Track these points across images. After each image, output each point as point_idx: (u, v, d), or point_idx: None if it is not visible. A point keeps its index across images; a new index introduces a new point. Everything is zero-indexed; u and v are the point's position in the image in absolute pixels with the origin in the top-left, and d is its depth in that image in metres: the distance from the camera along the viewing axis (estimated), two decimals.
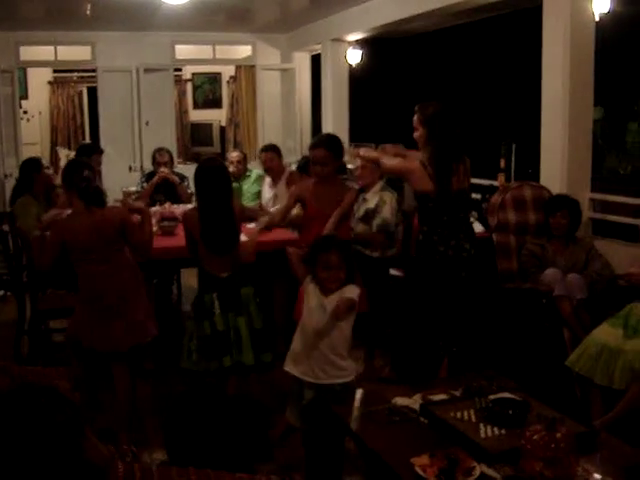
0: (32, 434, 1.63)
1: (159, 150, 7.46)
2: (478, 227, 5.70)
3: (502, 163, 6.22)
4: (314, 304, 3.68)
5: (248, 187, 7.13)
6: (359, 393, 3.56)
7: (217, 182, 4.28)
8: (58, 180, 6.57)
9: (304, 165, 6.11)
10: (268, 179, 6.75)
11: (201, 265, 4.37)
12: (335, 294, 3.63)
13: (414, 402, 3.24)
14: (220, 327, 4.25)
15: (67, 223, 4.19)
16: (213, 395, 2.28)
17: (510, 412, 2.96)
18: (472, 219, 5.77)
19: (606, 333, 4.13)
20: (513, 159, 6.29)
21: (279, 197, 6.37)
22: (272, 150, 6.71)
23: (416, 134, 4.40)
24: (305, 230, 4.54)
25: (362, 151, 4.83)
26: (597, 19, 5.43)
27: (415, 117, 4.40)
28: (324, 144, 4.44)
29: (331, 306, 3.59)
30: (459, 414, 3.04)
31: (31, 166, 6.01)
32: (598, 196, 5.69)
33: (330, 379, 3.62)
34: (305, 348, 3.68)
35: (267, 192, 6.72)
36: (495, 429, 2.91)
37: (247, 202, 6.75)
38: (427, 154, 4.30)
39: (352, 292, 3.64)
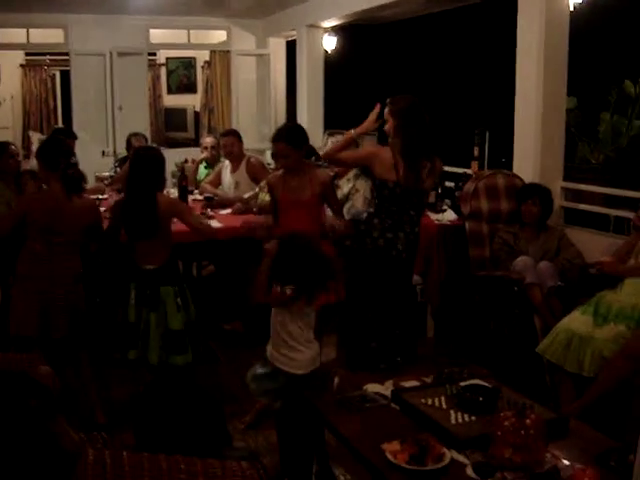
0: (3, 418, 1.62)
1: (135, 134, 7.42)
2: (451, 215, 5.73)
3: (475, 151, 6.25)
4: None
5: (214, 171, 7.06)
6: (333, 380, 3.56)
7: (145, 170, 4.26)
8: (30, 165, 6.51)
9: None
10: (227, 164, 6.65)
11: (128, 253, 4.33)
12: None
13: (386, 389, 3.26)
14: (131, 318, 4.23)
15: (37, 200, 4.25)
16: (176, 386, 2.29)
17: (480, 399, 2.98)
18: (445, 207, 5.81)
19: (576, 321, 4.18)
20: (486, 147, 6.31)
21: (240, 184, 6.32)
22: (232, 135, 6.59)
23: (386, 126, 4.40)
24: (281, 219, 4.51)
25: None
26: (572, 8, 5.46)
27: (386, 109, 4.40)
28: (283, 137, 4.40)
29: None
30: (430, 401, 3.05)
31: None
32: (570, 185, 5.73)
33: (282, 365, 3.57)
34: (273, 335, 3.65)
35: (227, 177, 6.63)
36: (465, 415, 2.92)
37: (220, 188, 6.70)
38: (397, 146, 4.30)
39: None
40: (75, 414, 3.96)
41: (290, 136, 4.40)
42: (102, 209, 5.93)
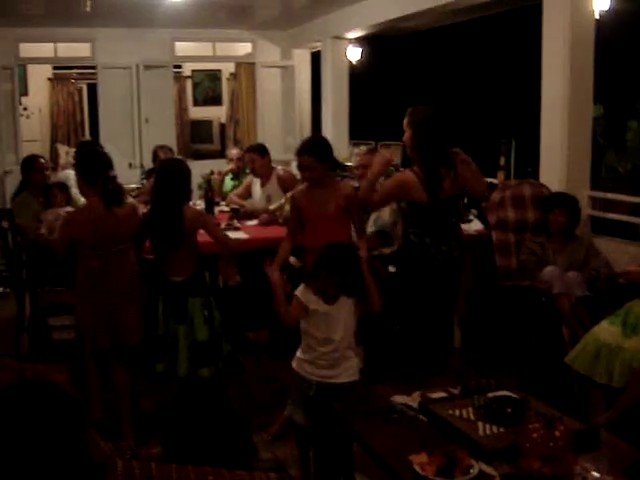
0: (35, 429, 1.63)
1: (162, 147, 7.47)
2: (477, 225, 5.70)
3: (502, 161, 6.22)
4: (320, 314, 3.62)
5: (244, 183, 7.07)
6: (360, 391, 3.57)
7: (170, 182, 4.28)
8: (57, 177, 6.58)
9: None
10: (256, 180, 6.63)
11: (157, 265, 4.34)
12: (339, 302, 3.61)
13: (413, 400, 3.24)
14: (160, 331, 4.23)
15: (78, 220, 4.21)
16: (203, 398, 2.31)
17: (509, 410, 2.96)
18: (471, 216, 5.79)
19: (605, 331, 4.13)
20: (513, 157, 6.28)
21: (272, 197, 6.30)
22: (253, 151, 6.51)
23: (404, 137, 4.40)
24: (308, 233, 4.51)
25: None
26: (597, 16, 5.43)
27: (405, 120, 4.40)
28: (308, 150, 4.38)
29: (338, 314, 3.60)
30: (458, 412, 3.03)
31: (28, 163, 6.00)
32: (597, 194, 5.69)
33: (338, 379, 3.61)
34: (313, 354, 3.65)
35: (257, 192, 6.62)
36: (494, 427, 2.91)
37: (249, 200, 6.70)
38: (415, 159, 4.30)
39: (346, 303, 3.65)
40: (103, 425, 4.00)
41: (316, 149, 4.39)
42: None
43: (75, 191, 6.35)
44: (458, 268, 4.43)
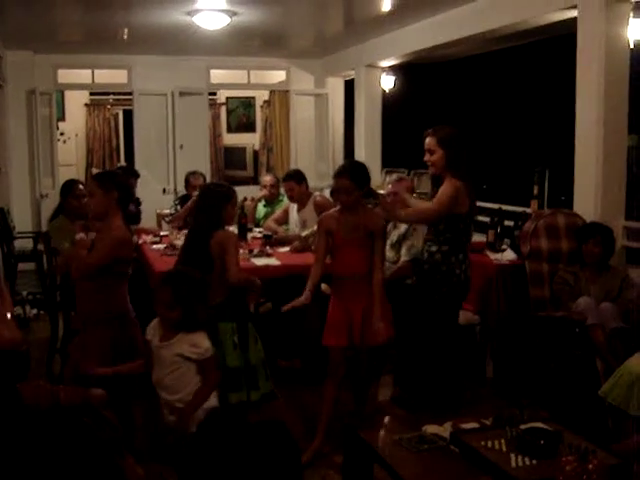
0: (75, 452, 1.65)
1: (193, 173, 7.52)
2: (511, 254, 5.66)
3: (535, 190, 6.19)
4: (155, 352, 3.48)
5: (281, 209, 7.10)
6: (386, 420, 3.54)
7: (205, 206, 4.29)
8: None
9: None
10: (293, 205, 6.69)
11: None
12: (172, 340, 3.44)
13: (444, 430, 3.22)
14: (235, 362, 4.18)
15: (128, 238, 4.20)
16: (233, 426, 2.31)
17: (542, 442, 2.92)
18: (504, 246, 5.76)
19: (639, 363, 4.07)
20: (546, 186, 6.25)
21: (308, 222, 6.33)
22: (291, 179, 6.54)
23: (433, 157, 4.40)
24: (336, 259, 4.50)
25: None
26: (632, 46, 5.42)
27: (429, 140, 4.40)
28: (348, 173, 4.36)
29: (165, 353, 3.42)
30: (490, 443, 3.01)
31: (66, 188, 6.08)
32: (632, 224, 5.63)
33: None
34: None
35: (293, 217, 6.68)
36: (526, 459, 2.88)
37: (285, 226, 6.74)
38: (449, 174, 4.31)
39: (199, 343, 3.50)
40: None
41: (354, 172, 4.37)
42: (163, 246, 6.08)
43: None
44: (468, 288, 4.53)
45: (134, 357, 3.81)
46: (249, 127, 12.85)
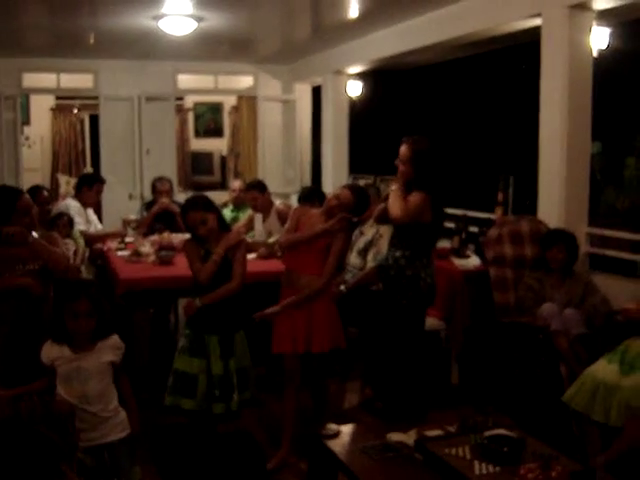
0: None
1: (159, 179, 7.48)
2: (475, 260, 5.71)
3: (500, 196, 6.23)
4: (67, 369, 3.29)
5: (245, 217, 7.09)
6: (351, 427, 3.54)
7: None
8: (58, 207, 6.59)
9: (306, 195, 6.10)
10: (258, 214, 6.69)
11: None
12: (92, 350, 3.32)
13: (409, 438, 3.23)
14: (218, 371, 4.13)
15: None
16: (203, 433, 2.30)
17: (505, 449, 2.94)
18: (469, 252, 5.80)
19: (603, 369, 4.10)
20: (511, 192, 6.30)
21: (273, 232, 6.32)
22: (254, 188, 6.58)
23: (403, 168, 4.43)
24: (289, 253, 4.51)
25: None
26: (595, 54, 5.48)
27: (404, 150, 4.43)
28: (357, 194, 4.44)
29: (89, 364, 3.28)
30: (454, 451, 3.02)
31: (31, 194, 5.99)
32: (595, 230, 5.69)
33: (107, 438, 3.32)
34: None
35: (258, 227, 6.68)
36: (490, 466, 2.89)
37: (251, 235, 6.73)
38: (419, 184, 4.34)
39: (118, 344, 3.41)
40: None
41: (362, 197, 4.43)
42: (127, 253, 6.03)
43: (78, 220, 6.39)
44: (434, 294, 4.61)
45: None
46: (217, 132, 12.80)
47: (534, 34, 5.74)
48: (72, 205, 6.58)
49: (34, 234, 4.21)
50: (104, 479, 3.24)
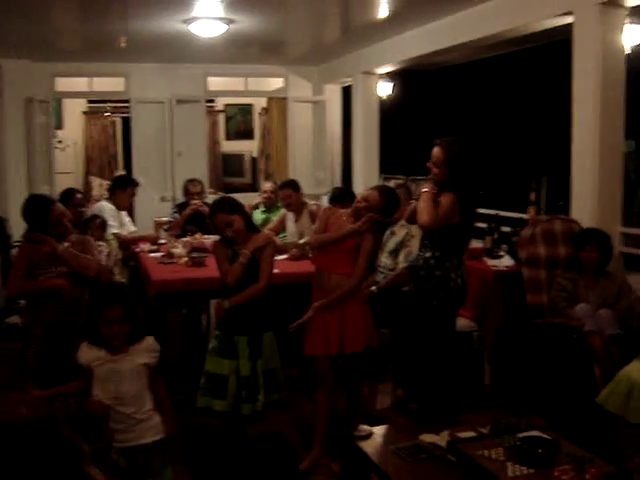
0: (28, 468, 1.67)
1: (191, 181, 7.53)
2: (508, 261, 5.66)
3: (532, 196, 6.18)
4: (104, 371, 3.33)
5: (277, 218, 7.10)
6: (383, 428, 3.53)
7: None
8: (91, 210, 6.66)
9: (337, 196, 6.10)
10: (290, 214, 6.71)
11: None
12: (127, 353, 3.35)
13: (441, 439, 3.22)
14: (245, 372, 4.17)
15: None
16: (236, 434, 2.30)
17: (539, 451, 2.92)
18: (502, 252, 5.76)
19: (637, 370, 4.06)
20: (544, 192, 6.25)
21: (305, 233, 6.33)
22: (288, 186, 6.63)
23: (436, 171, 4.36)
24: (318, 253, 4.53)
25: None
26: (628, 51, 5.42)
27: (437, 152, 4.36)
28: (385, 196, 4.46)
29: (124, 366, 3.32)
30: (487, 452, 3.00)
31: (65, 197, 6.04)
32: (630, 230, 5.63)
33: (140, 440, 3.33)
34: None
35: (290, 227, 6.69)
36: (523, 468, 2.87)
37: (282, 235, 6.75)
38: (448, 189, 4.31)
39: (153, 346, 3.44)
40: None
41: (391, 199, 4.46)
42: (159, 254, 6.08)
43: (112, 222, 6.45)
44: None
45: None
46: (247, 134, 12.83)
47: (566, 32, 5.69)
48: (106, 207, 6.64)
49: (67, 241, 4.28)
50: None
